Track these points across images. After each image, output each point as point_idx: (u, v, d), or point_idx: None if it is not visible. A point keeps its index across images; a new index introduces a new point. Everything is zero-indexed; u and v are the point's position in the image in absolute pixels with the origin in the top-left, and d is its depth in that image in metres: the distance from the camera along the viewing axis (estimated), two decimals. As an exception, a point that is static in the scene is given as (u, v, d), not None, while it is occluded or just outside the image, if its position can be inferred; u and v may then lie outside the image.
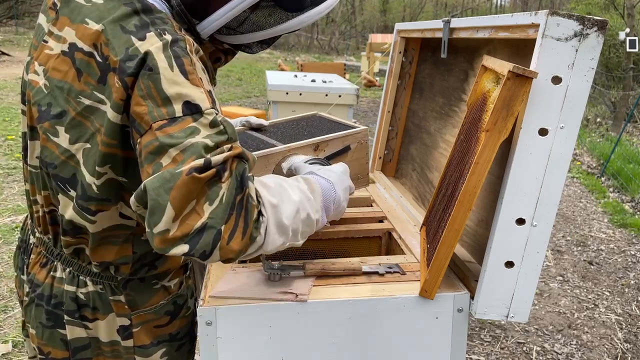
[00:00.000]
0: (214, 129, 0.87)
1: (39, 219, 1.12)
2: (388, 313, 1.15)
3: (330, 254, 1.60)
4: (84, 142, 0.97)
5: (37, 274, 1.13)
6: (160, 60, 0.87)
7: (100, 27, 0.93)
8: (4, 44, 13.88)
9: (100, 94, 0.93)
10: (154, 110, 0.86)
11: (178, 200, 0.81)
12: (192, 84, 0.88)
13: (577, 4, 13.56)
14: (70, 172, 1.00)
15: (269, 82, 4.48)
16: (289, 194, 0.99)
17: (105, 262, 1.06)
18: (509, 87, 0.99)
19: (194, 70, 0.90)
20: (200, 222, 0.83)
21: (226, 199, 0.85)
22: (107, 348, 1.12)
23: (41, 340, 1.13)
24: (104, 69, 0.92)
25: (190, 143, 0.84)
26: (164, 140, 0.84)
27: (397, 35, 2.01)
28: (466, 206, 1.05)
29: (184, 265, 1.20)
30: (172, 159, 0.83)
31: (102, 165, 0.96)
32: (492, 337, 3.03)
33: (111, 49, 0.91)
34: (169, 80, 0.87)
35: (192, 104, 0.87)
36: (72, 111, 0.96)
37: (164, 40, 0.89)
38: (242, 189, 0.88)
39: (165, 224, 0.82)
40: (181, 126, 0.85)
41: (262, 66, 15.81)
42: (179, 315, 1.18)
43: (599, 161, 7.09)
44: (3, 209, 4.27)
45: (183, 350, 1.21)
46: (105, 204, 1.01)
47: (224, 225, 0.85)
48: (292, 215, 0.97)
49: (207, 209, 0.84)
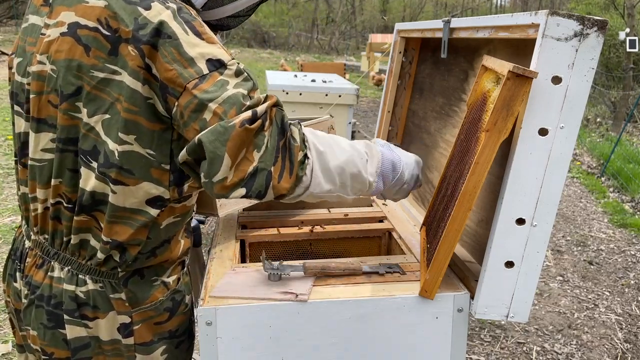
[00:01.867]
0: (239, 77, 0.97)
1: (37, 218, 1.12)
2: (388, 313, 1.15)
3: (330, 254, 1.60)
4: (102, 113, 1.00)
5: (34, 275, 1.12)
6: (175, 27, 0.95)
7: (103, 3, 0.99)
8: (4, 44, 13.87)
9: (112, 66, 0.98)
10: (184, 72, 0.94)
11: (233, 150, 0.92)
12: (208, 42, 0.97)
13: (577, 4, 13.56)
14: (91, 144, 1.02)
15: (269, 82, 4.47)
16: (341, 147, 1.09)
17: (116, 241, 1.06)
18: (509, 87, 0.99)
19: (205, 30, 0.99)
20: (252, 167, 0.95)
21: (271, 144, 0.97)
22: (108, 347, 1.12)
23: (43, 341, 1.12)
24: (114, 41, 0.97)
25: (227, 96, 0.93)
26: (202, 96, 0.93)
27: (397, 35, 2.01)
28: (466, 206, 1.05)
29: (182, 261, 1.20)
30: (213, 113, 0.93)
31: (126, 132, 0.99)
32: (492, 337, 3.03)
33: (120, 21, 0.96)
34: (188, 44, 0.95)
35: (215, 60, 0.96)
36: (87, 86, 1.00)
37: (170, 8, 0.97)
38: (284, 133, 0.99)
39: (224, 172, 0.92)
40: (211, 81, 0.94)
41: (262, 66, 15.81)
42: (177, 312, 1.18)
43: (599, 161, 7.09)
44: (3, 209, 4.27)
45: (182, 348, 1.21)
46: (125, 175, 1.02)
47: (273, 167, 0.97)
48: (339, 165, 1.07)
49: (256, 155, 0.95)
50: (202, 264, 1.80)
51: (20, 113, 1.11)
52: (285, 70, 9.72)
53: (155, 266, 1.13)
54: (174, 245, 1.14)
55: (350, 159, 1.09)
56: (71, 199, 1.07)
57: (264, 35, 25.92)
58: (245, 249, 1.57)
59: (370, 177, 1.14)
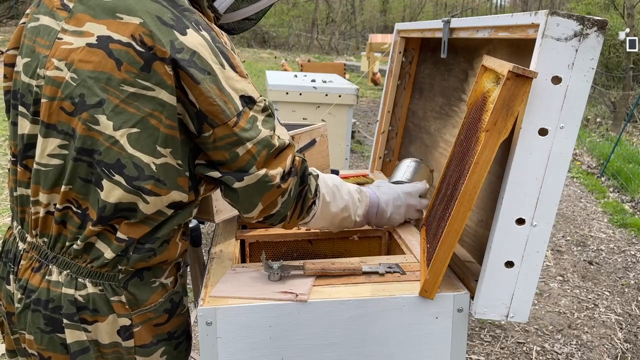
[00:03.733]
0: (264, 113, 1.09)
1: (37, 221, 1.11)
2: (388, 313, 1.15)
3: (330, 254, 1.60)
4: (129, 127, 1.02)
5: (30, 279, 1.11)
6: (213, 63, 1.02)
7: (138, 20, 1.00)
8: (4, 44, 13.88)
9: (144, 82, 1.00)
10: (226, 110, 1.03)
11: (266, 201, 1.12)
12: (241, 76, 1.06)
13: (577, 4, 13.56)
14: (114, 158, 1.03)
15: (269, 82, 4.47)
16: (342, 196, 1.32)
17: (132, 238, 1.07)
18: (509, 87, 0.99)
19: (238, 63, 1.07)
20: (275, 210, 1.15)
21: (293, 193, 1.15)
22: (108, 350, 1.11)
23: (40, 345, 1.11)
24: (148, 58, 0.99)
25: (261, 137, 1.06)
26: (242, 135, 1.05)
27: (397, 35, 2.01)
28: (466, 206, 1.05)
29: (177, 263, 1.20)
30: (248, 150, 1.06)
31: (164, 146, 1.04)
32: (492, 337, 3.03)
33: (156, 40, 0.99)
34: (225, 79, 1.03)
35: (247, 97, 1.06)
36: (115, 99, 1.01)
37: (205, 38, 1.02)
38: (303, 183, 1.18)
39: (254, 213, 1.13)
40: (245, 118, 1.05)
41: (262, 66, 15.81)
42: (176, 313, 1.18)
43: (599, 161, 7.09)
44: (3, 209, 4.27)
45: (181, 349, 1.21)
46: (160, 187, 1.05)
47: (289, 211, 1.18)
48: (336, 212, 1.30)
49: (280, 201, 1.14)
50: (202, 264, 1.80)
51: (25, 115, 1.10)
52: (285, 70, 9.71)
53: (153, 268, 1.13)
54: (172, 247, 1.14)
55: (346, 206, 1.32)
56: (81, 205, 1.07)
57: (264, 35, 25.91)
58: (245, 249, 1.57)
59: (357, 218, 1.38)
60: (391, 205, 1.45)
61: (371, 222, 1.44)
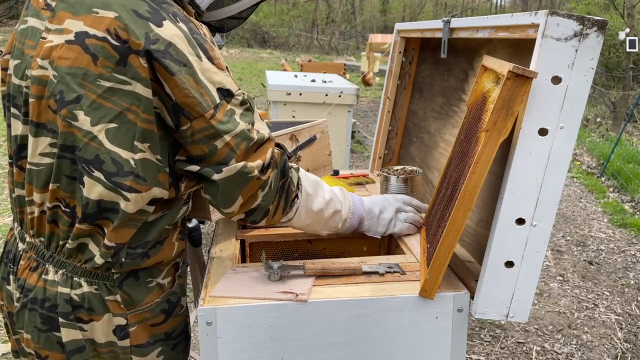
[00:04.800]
0: (243, 107, 1.07)
1: (33, 221, 1.11)
2: (388, 313, 1.15)
3: (330, 254, 1.60)
4: (107, 122, 1.01)
5: (27, 278, 1.12)
6: (189, 54, 1.00)
7: (113, 15, 0.99)
8: (4, 44, 13.87)
9: (121, 75, 0.99)
10: (202, 102, 1.01)
11: (246, 194, 1.09)
12: (219, 69, 1.04)
13: (577, 4, 13.56)
14: (93, 153, 1.03)
15: (269, 82, 4.47)
16: (323, 191, 1.28)
17: (120, 244, 1.07)
18: (509, 87, 0.99)
19: (216, 55, 1.04)
20: (256, 203, 1.12)
21: (274, 186, 1.12)
22: (104, 349, 1.12)
23: (37, 344, 1.12)
24: (123, 51, 0.98)
25: (239, 130, 1.04)
26: (219, 127, 1.03)
27: (397, 35, 2.01)
28: (466, 206, 1.05)
29: (175, 263, 1.20)
30: (226, 143, 1.04)
31: (142, 141, 1.03)
32: (492, 337, 3.03)
33: (131, 33, 0.98)
34: (201, 71, 1.01)
35: (224, 89, 1.04)
36: (92, 94, 1.00)
37: (182, 30, 1.00)
38: (284, 176, 1.15)
39: (234, 208, 1.10)
40: (222, 111, 1.03)
41: (262, 66, 15.81)
42: (173, 314, 1.17)
43: (599, 161, 7.09)
44: (3, 209, 4.27)
45: (178, 350, 1.21)
46: (140, 182, 1.04)
47: (271, 205, 1.14)
48: (320, 207, 1.26)
49: (261, 194, 1.11)
50: (202, 264, 1.80)
51: (17, 116, 1.10)
52: (285, 70, 9.71)
53: (149, 268, 1.13)
54: (167, 247, 1.14)
55: (330, 201, 1.29)
56: (69, 204, 1.07)
57: (264, 35, 25.91)
58: (245, 249, 1.57)
59: (345, 214, 1.34)
60: (378, 204, 1.42)
61: (362, 223, 1.39)
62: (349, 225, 1.36)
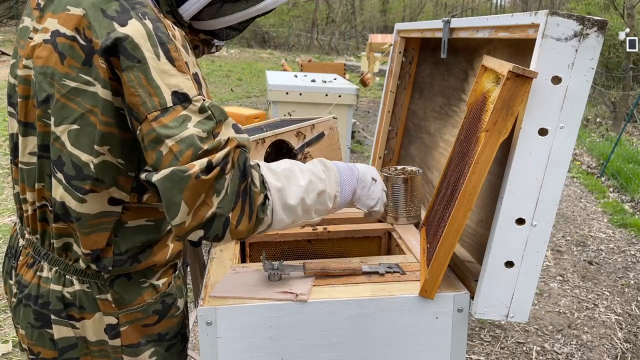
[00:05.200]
0: (202, 115, 0.95)
1: (28, 219, 1.12)
2: (388, 313, 1.15)
3: (330, 254, 1.60)
4: (69, 123, 0.99)
5: (24, 274, 1.13)
6: (147, 50, 0.92)
7: (81, 12, 0.97)
8: (4, 44, 13.87)
9: (86, 76, 0.97)
10: (147, 102, 0.92)
11: (190, 198, 0.93)
12: (179, 71, 0.94)
13: (577, 4, 13.56)
14: (56, 154, 1.02)
15: (269, 82, 4.48)
16: (297, 178, 1.10)
17: (97, 250, 1.06)
18: (509, 87, 0.99)
19: (179, 56, 0.95)
20: (210, 212, 0.95)
21: (231, 189, 0.96)
22: (95, 347, 1.12)
23: (31, 340, 1.13)
24: (88, 51, 0.96)
25: (185, 135, 0.92)
26: (160, 131, 0.92)
27: (397, 35, 2.01)
28: (466, 206, 1.05)
29: (173, 264, 1.20)
30: (169, 149, 0.92)
31: (101, 144, 0.99)
32: (492, 337, 3.03)
33: (93, 32, 0.95)
34: (157, 70, 0.93)
35: (181, 93, 0.94)
36: (57, 94, 0.99)
37: (146, 27, 0.94)
38: (245, 177, 0.98)
39: (182, 218, 0.94)
40: (173, 115, 0.93)
41: (262, 66, 15.81)
42: (167, 315, 1.17)
43: (599, 161, 7.09)
44: (3, 209, 4.27)
45: (173, 351, 1.20)
46: (98, 185, 1.02)
47: (231, 212, 0.97)
48: (298, 197, 1.08)
49: (215, 200, 0.95)
50: (202, 264, 1.80)
51: (13, 114, 1.12)
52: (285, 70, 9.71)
53: (142, 269, 1.13)
54: (159, 250, 1.13)
55: (308, 185, 1.10)
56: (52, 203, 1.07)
57: (264, 35, 25.90)
58: (245, 249, 1.57)
59: (332, 190, 1.16)
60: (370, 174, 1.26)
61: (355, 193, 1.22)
62: (341, 200, 1.19)
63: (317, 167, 1.16)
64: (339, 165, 1.22)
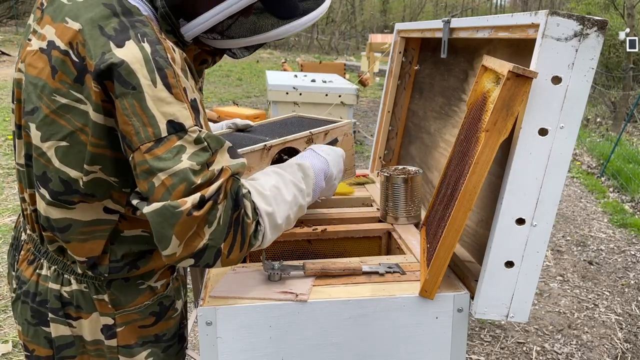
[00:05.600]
0: (198, 146, 0.92)
1: (28, 217, 1.12)
2: (388, 313, 1.15)
3: (330, 254, 1.60)
4: (57, 140, 0.97)
5: (24, 270, 1.13)
6: (143, 77, 0.88)
7: (78, 27, 0.93)
8: (4, 44, 13.88)
9: (77, 93, 0.94)
10: (141, 132, 0.89)
11: (181, 233, 0.91)
12: (175, 99, 0.90)
13: (577, 4, 13.56)
14: (40, 170, 1.00)
15: (269, 82, 4.48)
16: (283, 195, 1.10)
17: (93, 257, 1.05)
18: (509, 87, 0.99)
19: (177, 82, 0.91)
20: (202, 243, 0.94)
21: (223, 220, 0.94)
22: (91, 347, 1.12)
23: (26, 337, 1.13)
24: (80, 69, 0.92)
25: (178, 169, 0.89)
26: (153, 164, 0.89)
27: (397, 35, 2.01)
28: (466, 206, 1.05)
29: (171, 266, 1.19)
30: (162, 183, 0.89)
31: (91, 164, 0.97)
32: (492, 337, 3.03)
33: (87, 51, 0.91)
34: (152, 97, 0.89)
35: (176, 123, 0.90)
36: (46, 109, 0.96)
37: (144, 51, 0.89)
38: (237, 207, 0.97)
39: (172, 249, 0.92)
40: (167, 146, 0.90)
41: (262, 66, 15.81)
42: (165, 317, 1.17)
43: (599, 161, 7.09)
44: (3, 209, 4.27)
45: (170, 352, 1.20)
46: (88, 199, 1.01)
47: (223, 243, 0.96)
48: (285, 215, 1.10)
49: (207, 231, 0.93)
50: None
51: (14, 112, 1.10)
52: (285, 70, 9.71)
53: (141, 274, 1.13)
54: (158, 256, 1.12)
55: (293, 200, 1.12)
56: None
57: (264, 35, 25.85)
58: (245, 249, 1.57)
59: (307, 199, 1.19)
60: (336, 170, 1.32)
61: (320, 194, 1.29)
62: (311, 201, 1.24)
63: (297, 176, 1.18)
64: (316, 168, 1.25)
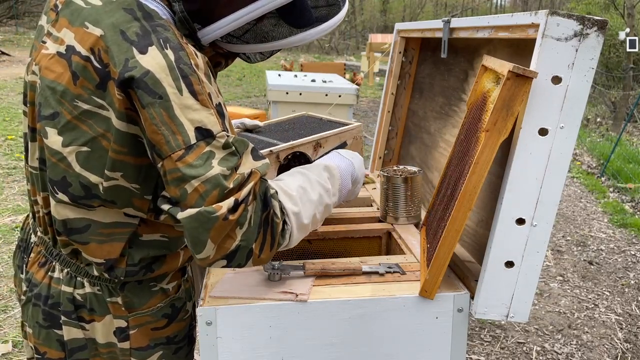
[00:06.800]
0: (226, 150, 0.93)
1: (40, 219, 1.12)
2: (388, 313, 1.15)
3: (330, 254, 1.60)
4: (79, 145, 0.97)
5: (35, 273, 1.13)
6: (169, 85, 0.89)
7: (99, 32, 0.93)
8: (4, 44, 13.88)
9: (99, 99, 0.94)
10: (171, 140, 0.90)
11: (216, 237, 0.93)
12: (202, 105, 0.91)
13: (577, 4, 13.57)
14: (59, 175, 0.99)
15: (269, 82, 4.48)
16: (309, 195, 1.12)
17: (110, 260, 1.05)
18: (509, 87, 0.99)
19: (202, 89, 0.92)
20: (234, 244, 0.95)
21: (254, 221, 0.97)
22: (104, 350, 1.12)
23: (37, 339, 1.13)
24: (103, 76, 0.92)
25: (210, 175, 0.90)
26: (185, 171, 0.90)
27: (397, 35, 2.01)
28: (466, 206, 1.05)
29: (182, 268, 1.20)
30: (195, 189, 0.90)
31: (112, 170, 0.97)
32: (492, 337, 3.03)
33: (111, 58, 0.91)
34: (179, 106, 0.89)
35: (204, 129, 0.91)
36: (67, 114, 0.96)
37: (167, 59, 0.89)
38: (266, 208, 0.99)
39: (207, 252, 0.94)
40: (197, 153, 0.91)
41: (262, 66, 15.81)
42: (176, 319, 1.17)
43: (599, 161, 7.09)
44: (3, 209, 4.27)
45: (180, 354, 1.20)
46: (108, 204, 1.01)
47: (255, 243, 0.98)
48: (311, 215, 1.11)
49: (239, 233, 0.95)
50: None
51: (26, 113, 1.10)
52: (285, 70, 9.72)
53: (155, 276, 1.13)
54: (171, 259, 1.13)
55: (318, 199, 1.14)
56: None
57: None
58: (245, 249, 1.56)
59: (332, 199, 1.21)
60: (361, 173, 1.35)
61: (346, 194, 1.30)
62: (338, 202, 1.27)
63: (323, 176, 1.19)
64: (341, 169, 1.26)
